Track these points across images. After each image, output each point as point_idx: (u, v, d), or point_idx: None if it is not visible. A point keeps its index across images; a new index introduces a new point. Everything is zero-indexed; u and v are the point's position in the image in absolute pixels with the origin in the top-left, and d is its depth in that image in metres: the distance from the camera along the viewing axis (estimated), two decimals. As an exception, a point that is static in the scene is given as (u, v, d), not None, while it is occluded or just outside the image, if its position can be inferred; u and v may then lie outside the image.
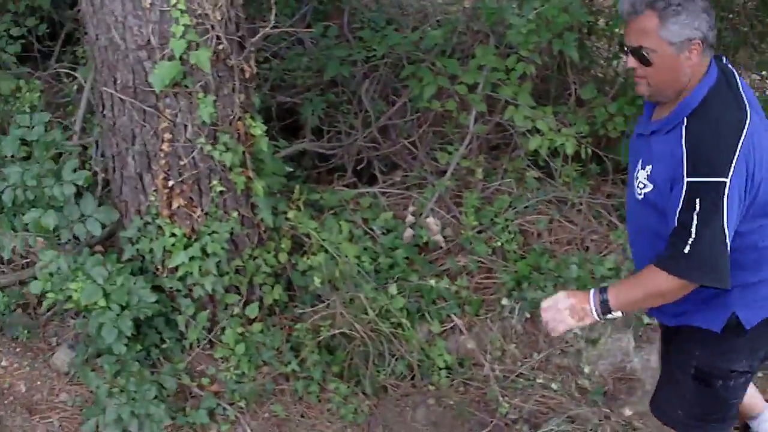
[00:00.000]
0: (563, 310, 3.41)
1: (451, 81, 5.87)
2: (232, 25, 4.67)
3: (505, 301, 5.32)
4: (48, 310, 5.15)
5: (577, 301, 3.40)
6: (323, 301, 5.07)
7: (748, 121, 3.16)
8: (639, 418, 4.90)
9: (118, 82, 4.65)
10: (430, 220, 5.72)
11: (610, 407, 4.98)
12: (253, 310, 5.04)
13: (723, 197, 3.08)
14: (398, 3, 7.65)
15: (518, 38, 5.62)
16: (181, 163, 4.73)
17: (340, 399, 4.94)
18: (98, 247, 5.17)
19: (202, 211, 4.84)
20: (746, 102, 3.25)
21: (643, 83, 3.31)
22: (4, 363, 4.91)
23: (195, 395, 4.88)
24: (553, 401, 4.96)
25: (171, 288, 4.90)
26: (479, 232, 5.70)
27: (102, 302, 4.64)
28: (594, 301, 3.35)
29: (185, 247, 4.79)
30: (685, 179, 3.12)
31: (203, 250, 4.80)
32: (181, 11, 4.44)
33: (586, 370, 5.11)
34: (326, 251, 5.15)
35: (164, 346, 4.96)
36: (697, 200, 3.09)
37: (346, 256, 5.16)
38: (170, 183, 4.76)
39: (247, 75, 4.80)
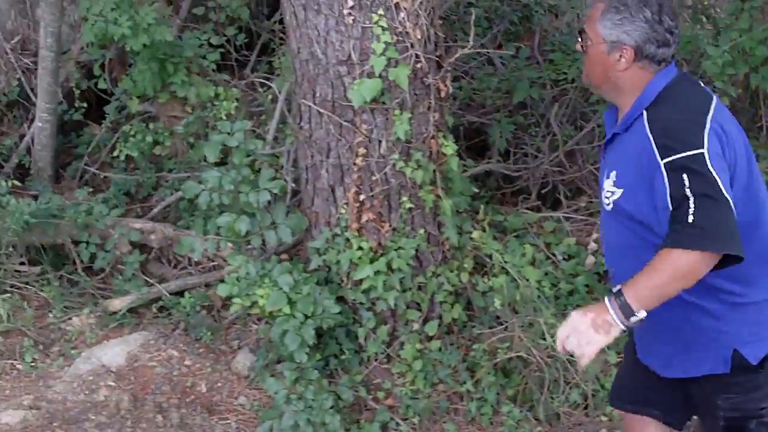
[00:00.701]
0: (586, 331, 2.99)
1: (642, 108, 5.79)
2: (431, 44, 4.73)
3: (684, 336, 5.19)
4: (233, 314, 5.28)
5: (595, 315, 2.98)
6: (502, 323, 5.06)
7: (714, 102, 3.02)
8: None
9: (317, 95, 4.75)
10: (613, 248, 5.63)
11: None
12: (432, 328, 5.05)
13: (707, 165, 2.84)
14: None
15: (714, 69, 5.52)
16: (374, 178, 4.79)
17: (513, 423, 4.90)
18: (283, 256, 5.27)
19: (390, 226, 4.89)
20: (711, 93, 3.12)
21: (584, 71, 3.30)
22: (187, 362, 5.05)
23: (370, 408, 4.93)
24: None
25: (354, 300, 4.97)
26: (660, 264, 5.57)
27: (287, 309, 4.73)
28: (613, 307, 2.95)
29: (371, 261, 4.84)
30: (661, 163, 2.90)
31: (389, 265, 4.85)
32: (383, 28, 4.52)
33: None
34: (507, 273, 5.14)
35: (343, 357, 5.02)
36: (683, 175, 2.84)
37: (528, 280, 5.13)
38: (361, 197, 4.83)
39: (443, 94, 4.84)
